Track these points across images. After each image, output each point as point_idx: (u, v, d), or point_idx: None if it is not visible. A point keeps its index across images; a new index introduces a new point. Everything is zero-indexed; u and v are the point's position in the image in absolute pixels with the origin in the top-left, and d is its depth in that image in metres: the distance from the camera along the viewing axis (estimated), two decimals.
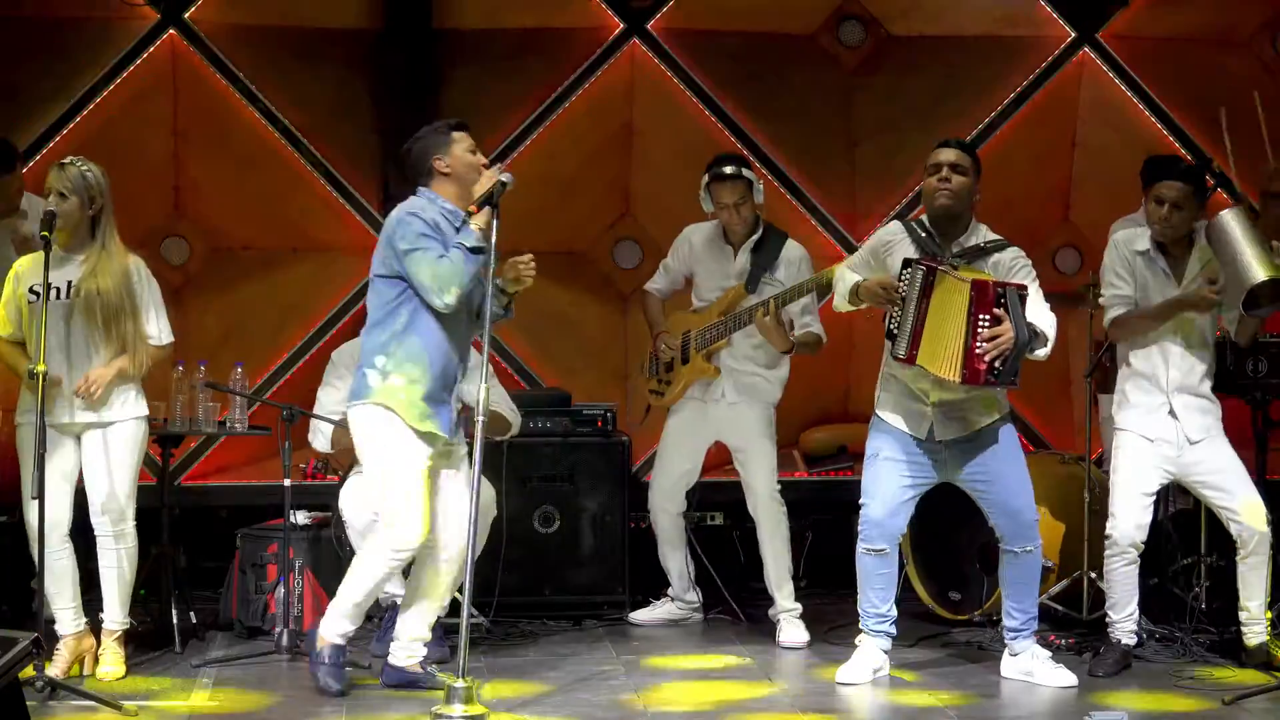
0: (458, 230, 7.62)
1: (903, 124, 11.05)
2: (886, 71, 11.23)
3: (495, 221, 7.48)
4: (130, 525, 8.07)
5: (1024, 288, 7.71)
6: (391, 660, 7.90)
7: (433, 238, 7.52)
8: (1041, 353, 7.78)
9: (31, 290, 7.89)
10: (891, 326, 7.83)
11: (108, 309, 7.90)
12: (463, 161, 7.74)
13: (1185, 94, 11.23)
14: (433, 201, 7.66)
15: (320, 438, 8.97)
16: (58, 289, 7.85)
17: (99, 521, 8.01)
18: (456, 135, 7.77)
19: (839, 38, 11.23)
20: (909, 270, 7.79)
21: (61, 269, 7.85)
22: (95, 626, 8.14)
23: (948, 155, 7.97)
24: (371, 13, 10.85)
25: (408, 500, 7.57)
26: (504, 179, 7.55)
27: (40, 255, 7.77)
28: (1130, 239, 8.30)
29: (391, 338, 7.59)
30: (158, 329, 8.10)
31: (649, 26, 11.00)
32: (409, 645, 7.88)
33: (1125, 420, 8.28)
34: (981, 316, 7.60)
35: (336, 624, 7.75)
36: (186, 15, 10.61)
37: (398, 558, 7.67)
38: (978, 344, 7.61)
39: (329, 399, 9.01)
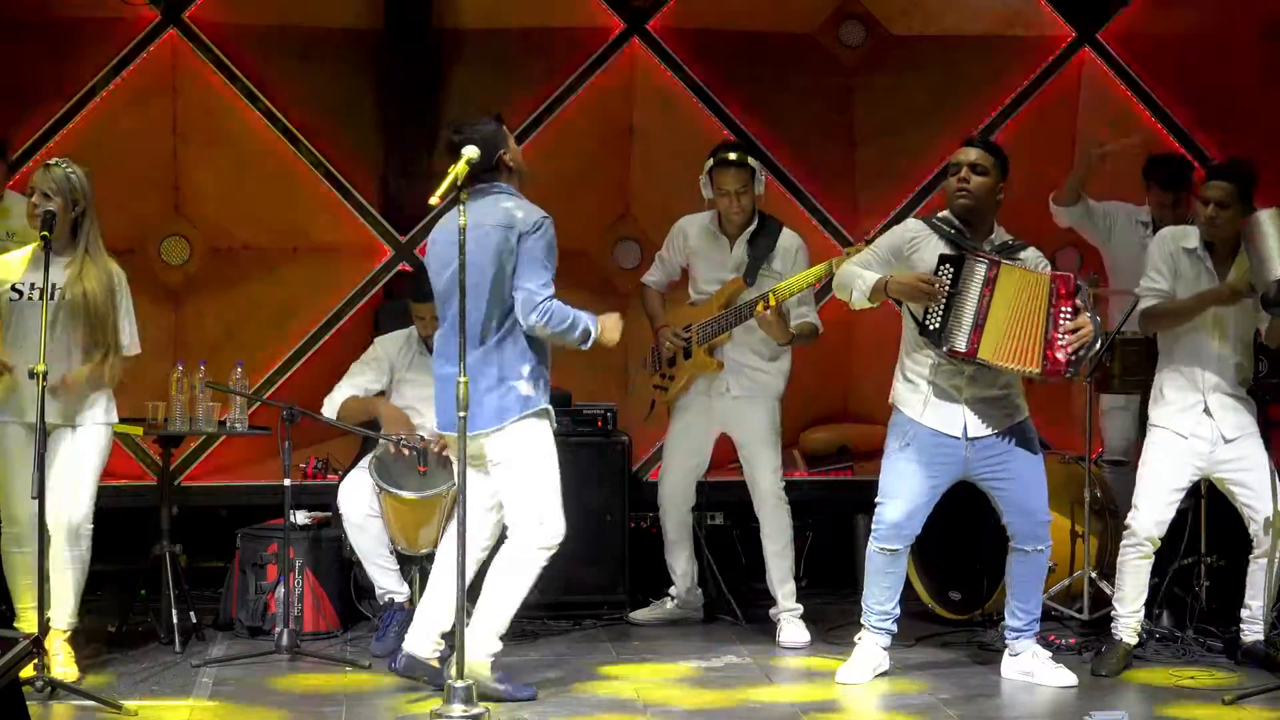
0: None
1: (903, 124, 11.06)
2: (887, 71, 11.22)
3: (462, 205, 7.33)
4: (87, 529, 8.01)
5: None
6: (410, 649, 7.84)
7: (554, 258, 7.60)
8: (1095, 350, 7.81)
9: (14, 289, 7.89)
10: (932, 323, 7.79)
11: (92, 313, 7.89)
12: (519, 154, 7.80)
13: (1185, 93, 11.24)
14: (522, 200, 7.66)
15: (329, 406, 8.98)
16: (40, 289, 7.82)
17: (56, 524, 7.89)
18: (503, 127, 7.76)
19: (839, 37, 11.23)
20: (948, 265, 7.75)
21: (42, 270, 7.80)
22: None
23: (968, 155, 7.96)
24: (372, 12, 10.84)
25: (557, 499, 7.67)
26: (469, 154, 7.34)
27: (19, 254, 7.83)
28: (1180, 235, 8.32)
29: (529, 344, 7.61)
30: (129, 338, 8.10)
31: (649, 26, 11.00)
32: (433, 639, 7.85)
33: (1159, 416, 8.29)
34: (1064, 309, 7.63)
35: (489, 645, 7.67)
36: (186, 14, 10.60)
37: (549, 555, 7.69)
38: (1059, 335, 7.62)
39: (361, 377, 9.08)
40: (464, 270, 7.31)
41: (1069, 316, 7.64)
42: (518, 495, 7.61)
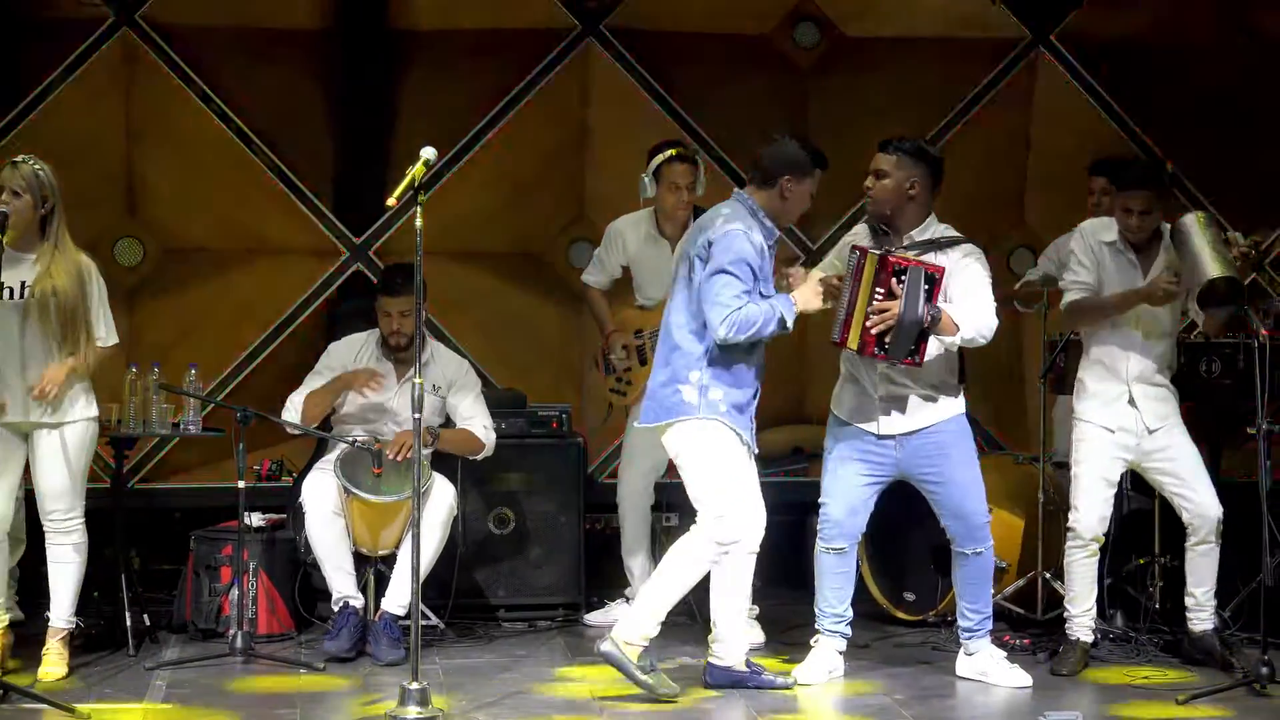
0: (771, 247, 7.70)
1: (858, 125, 11.03)
2: (841, 72, 11.24)
3: (419, 207, 7.34)
4: (80, 523, 8.04)
5: (938, 269, 7.74)
6: (713, 661, 7.94)
7: (750, 266, 7.54)
8: (949, 340, 7.80)
9: None
10: None
11: (63, 309, 7.87)
12: (802, 199, 7.81)
13: (1138, 95, 11.29)
14: (755, 214, 7.67)
15: (291, 410, 8.91)
16: (10, 289, 7.81)
17: (49, 521, 7.99)
18: (816, 174, 7.81)
19: (794, 39, 11.25)
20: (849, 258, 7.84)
21: (14, 269, 7.80)
22: (42, 627, 8.15)
23: (874, 161, 8.02)
24: (326, 13, 10.82)
25: (737, 498, 7.71)
26: (427, 156, 7.33)
27: None
28: (1098, 229, 8.38)
29: (705, 353, 7.63)
30: (105, 330, 8.07)
31: (604, 27, 11.00)
32: (728, 644, 7.94)
33: (1085, 411, 8.33)
34: (877, 290, 7.67)
35: (644, 627, 7.75)
36: (140, 14, 10.57)
37: (724, 550, 7.75)
38: (870, 314, 7.67)
39: (313, 385, 8.94)
40: (419, 270, 7.35)
41: (879, 297, 7.69)
42: (694, 491, 7.77)
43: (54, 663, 8.02)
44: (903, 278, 7.65)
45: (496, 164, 10.86)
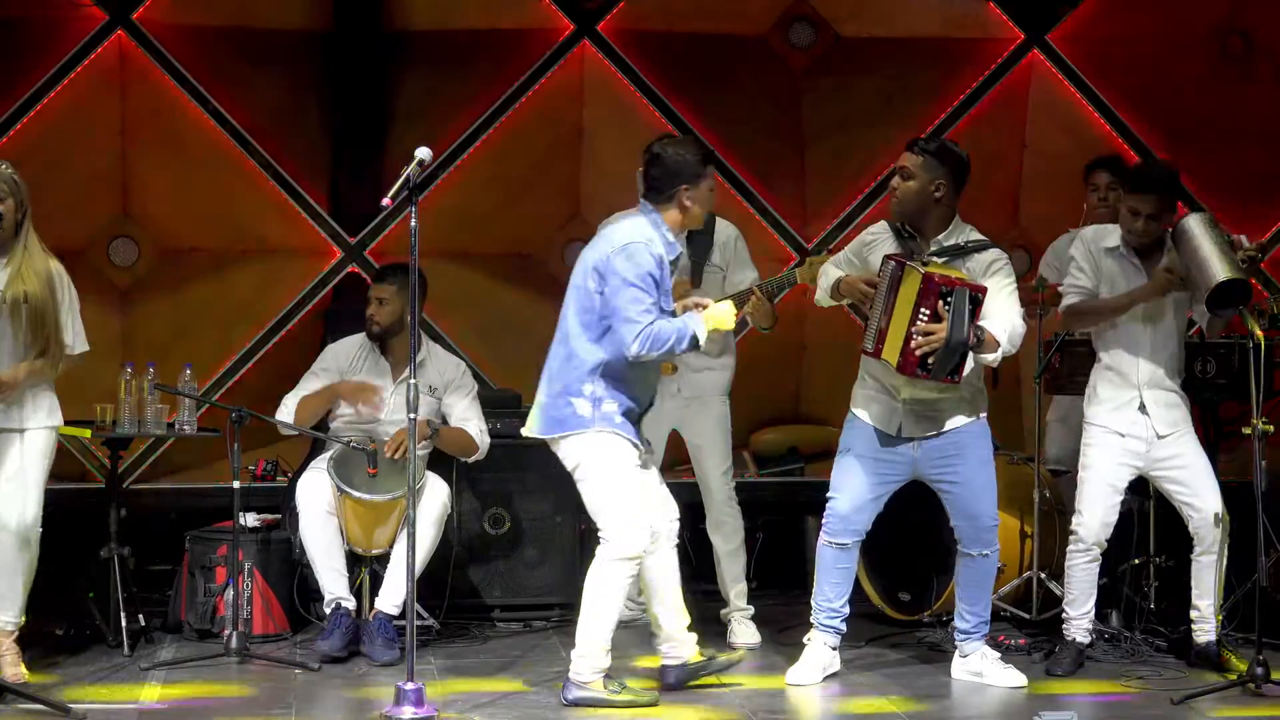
0: (674, 262, 7.64)
1: (852, 125, 11.09)
2: (836, 73, 11.25)
3: (413, 208, 7.33)
4: (37, 532, 7.89)
5: (981, 290, 7.70)
6: (668, 661, 7.95)
7: (654, 278, 7.45)
8: (990, 358, 7.78)
9: None
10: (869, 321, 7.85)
11: (34, 313, 7.78)
12: (703, 200, 7.70)
13: (1134, 95, 11.29)
14: (658, 228, 7.58)
15: (284, 410, 8.91)
16: None
17: (5, 528, 7.80)
18: (709, 170, 7.71)
19: (789, 39, 11.26)
20: (883, 266, 7.80)
21: None
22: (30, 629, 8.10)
23: (900, 160, 7.98)
24: (321, 14, 10.82)
25: (636, 510, 7.59)
26: (421, 155, 7.32)
27: None
28: (1100, 236, 8.35)
29: (599, 364, 7.54)
30: (73, 337, 7.97)
31: (599, 28, 11.01)
32: (679, 642, 7.95)
33: (1096, 415, 8.32)
34: (922, 310, 7.62)
35: (598, 660, 7.66)
36: (134, 15, 10.57)
37: (634, 564, 7.66)
38: (914, 334, 7.64)
39: (307, 386, 8.95)
40: (414, 272, 7.36)
41: (925, 318, 7.65)
42: (591, 507, 7.68)
43: (14, 663, 7.88)
44: (949, 299, 7.60)
45: (492, 165, 10.86)
